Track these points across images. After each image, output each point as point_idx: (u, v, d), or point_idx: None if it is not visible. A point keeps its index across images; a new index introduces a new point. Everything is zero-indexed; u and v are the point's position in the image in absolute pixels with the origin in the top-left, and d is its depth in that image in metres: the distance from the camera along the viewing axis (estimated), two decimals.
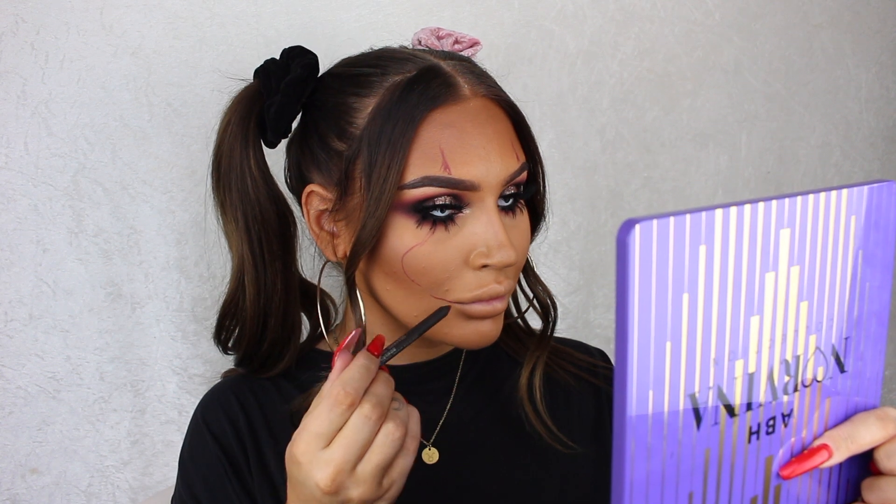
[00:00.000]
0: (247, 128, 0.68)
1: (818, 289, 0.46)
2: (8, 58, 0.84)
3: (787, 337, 0.45)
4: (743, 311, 0.43)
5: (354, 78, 0.66)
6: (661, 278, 0.39)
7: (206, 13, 0.91)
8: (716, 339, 0.42)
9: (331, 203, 0.66)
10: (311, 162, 0.68)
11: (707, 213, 0.40)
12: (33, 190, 0.87)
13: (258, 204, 0.68)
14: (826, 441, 0.47)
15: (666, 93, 1.18)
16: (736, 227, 0.41)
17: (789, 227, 0.44)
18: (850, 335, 0.49)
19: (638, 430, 0.39)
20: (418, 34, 0.72)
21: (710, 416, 0.43)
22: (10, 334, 0.88)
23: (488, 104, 0.65)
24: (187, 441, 0.73)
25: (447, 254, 0.63)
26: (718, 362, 0.42)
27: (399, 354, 0.72)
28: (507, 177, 0.63)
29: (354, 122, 0.64)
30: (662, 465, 0.41)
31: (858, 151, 1.36)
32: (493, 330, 0.66)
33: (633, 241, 0.37)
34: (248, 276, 0.69)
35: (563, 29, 1.10)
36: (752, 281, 0.43)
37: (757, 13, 1.23)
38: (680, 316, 0.40)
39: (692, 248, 0.40)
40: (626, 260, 0.37)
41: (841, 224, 0.46)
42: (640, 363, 0.39)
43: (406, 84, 0.63)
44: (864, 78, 1.34)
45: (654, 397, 0.40)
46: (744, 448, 0.45)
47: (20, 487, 0.91)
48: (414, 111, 0.62)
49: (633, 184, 1.19)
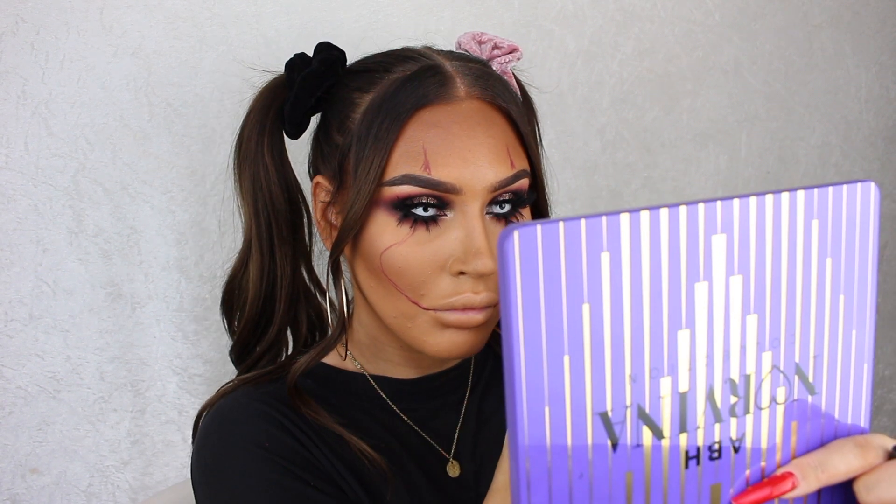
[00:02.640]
0: (265, 117, 0.70)
1: (770, 301, 0.41)
2: (8, 58, 0.84)
3: (730, 353, 0.41)
4: (666, 324, 0.39)
5: (361, 74, 0.67)
6: (551, 288, 0.36)
7: (206, 13, 0.91)
8: (630, 353, 0.38)
9: (331, 194, 0.67)
10: (319, 154, 0.70)
11: (609, 217, 0.36)
12: (33, 190, 0.87)
13: (269, 191, 0.69)
14: (792, 469, 0.42)
15: (666, 93, 1.18)
16: (650, 233, 0.37)
17: (724, 233, 0.39)
18: (821, 353, 0.43)
19: (533, 450, 0.37)
20: (459, 38, 0.71)
21: (631, 437, 0.39)
22: (10, 334, 0.88)
23: (484, 107, 0.64)
24: (235, 467, 0.64)
25: (424, 256, 0.62)
26: (636, 379, 0.38)
27: (411, 366, 0.72)
28: (496, 183, 0.62)
29: (352, 117, 0.65)
30: (569, 486, 0.38)
31: (858, 151, 1.36)
32: (470, 342, 0.64)
33: (511, 248, 0.35)
34: (254, 259, 0.70)
35: (563, 29, 1.10)
36: (677, 291, 0.39)
37: (757, 13, 1.23)
38: (580, 328, 0.37)
39: (591, 256, 0.36)
40: (506, 268, 0.35)
41: (798, 229, 0.41)
42: (530, 378, 0.36)
43: (400, 81, 0.63)
44: (864, 78, 1.34)
45: (552, 414, 0.37)
46: (679, 473, 0.41)
47: (20, 487, 0.91)
48: (401, 108, 0.62)
49: (633, 184, 1.19)
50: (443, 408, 0.73)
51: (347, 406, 0.71)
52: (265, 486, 0.62)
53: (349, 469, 0.67)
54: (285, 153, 0.72)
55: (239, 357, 0.75)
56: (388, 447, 0.69)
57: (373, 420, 0.71)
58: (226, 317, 0.76)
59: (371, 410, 0.71)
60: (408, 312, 0.64)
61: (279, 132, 0.71)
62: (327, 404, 0.70)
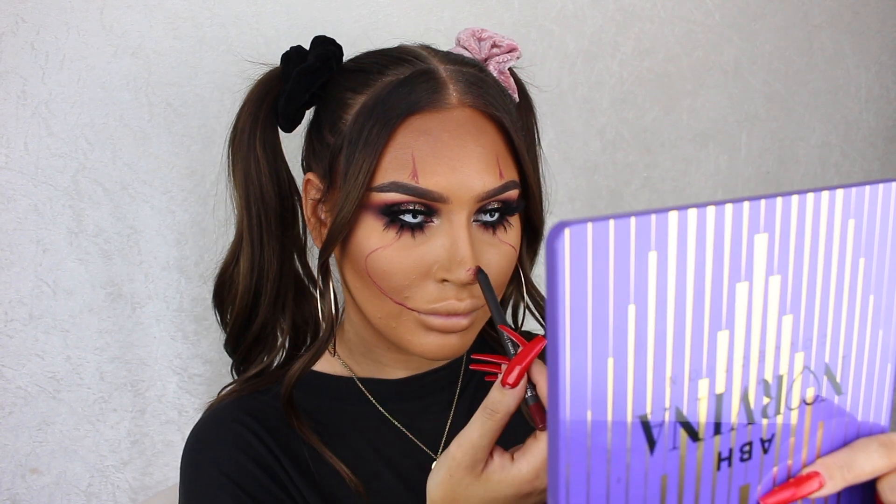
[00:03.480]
0: (259, 109, 0.70)
1: (806, 301, 0.41)
2: (8, 58, 0.84)
3: (765, 354, 0.41)
4: (707, 325, 0.38)
5: (356, 74, 0.67)
6: (599, 288, 0.35)
7: (206, 13, 0.91)
8: (672, 355, 0.38)
9: (321, 193, 0.67)
10: (311, 151, 0.70)
11: (658, 215, 0.35)
12: (33, 190, 0.87)
13: (259, 184, 0.69)
14: (818, 468, 0.43)
15: (666, 93, 1.18)
16: (696, 231, 0.37)
17: (766, 232, 0.39)
18: (849, 353, 0.43)
19: (574, 453, 0.36)
20: (459, 34, 0.71)
21: (667, 440, 0.39)
22: (10, 334, 0.88)
23: (476, 116, 0.63)
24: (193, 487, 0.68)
25: (408, 261, 0.62)
26: (676, 381, 0.38)
27: (399, 366, 0.73)
28: (484, 193, 0.62)
29: (344, 118, 0.65)
30: (607, 490, 0.37)
31: (858, 151, 1.36)
32: (455, 344, 0.65)
33: (562, 246, 0.34)
34: (245, 252, 0.71)
35: (563, 29, 1.10)
36: (719, 292, 0.38)
37: (757, 13, 1.23)
38: (625, 330, 0.36)
39: (639, 255, 0.35)
40: (556, 267, 0.34)
41: (835, 228, 0.41)
42: (575, 380, 0.35)
43: (393, 86, 0.63)
44: (864, 78, 1.34)
45: (594, 418, 0.36)
46: (711, 476, 0.40)
47: (20, 487, 0.91)
48: (392, 113, 0.61)
49: (633, 184, 1.19)
50: (431, 406, 0.73)
51: (331, 416, 0.71)
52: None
53: (318, 493, 0.68)
54: (279, 146, 0.71)
55: (234, 350, 0.76)
56: (367, 459, 0.70)
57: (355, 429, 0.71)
58: (218, 310, 0.76)
59: (355, 417, 0.72)
60: (392, 313, 0.64)
61: (273, 125, 0.71)
62: (310, 418, 0.70)
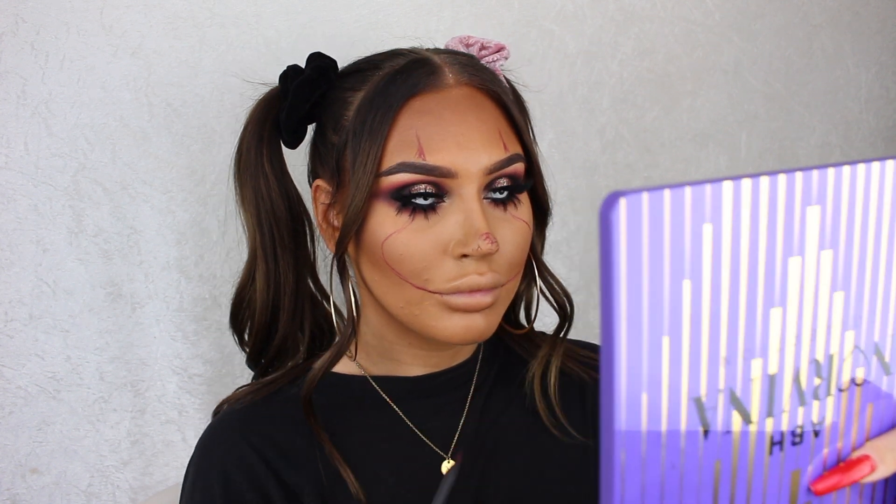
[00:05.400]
0: (262, 128, 0.71)
1: (857, 277, 0.39)
2: (8, 58, 0.84)
3: (817, 333, 0.39)
4: (761, 301, 0.36)
5: (353, 74, 0.69)
6: (654, 262, 0.33)
7: (206, 13, 0.91)
8: (727, 333, 0.36)
9: (331, 196, 0.68)
10: (317, 157, 0.71)
11: (713, 185, 0.33)
12: (33, 190, 0.87)
13: (270, 200, 0.70)
14: (869, 452, 0.41)
15: (666, 93, 1.18)
16: (751, 203, 0.35)
17: (818, 205, 0.37)
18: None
19: (629, 439, 0.34)
20: (447, 42, 0.73)
21: (721, 424, 0.37)
22: (10, 334, 0.88)
23: (474, 93, 0.65)
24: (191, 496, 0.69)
25: (425, 242, 0.62)
26: (730, 361, 0.36)
27: (418, 363, 0.72)
28: (491, 166, 0.63)
29: (346, 115, 0.66)
30: (661, 478, 0.35)
31: (858, 151, 1.37)
32: (483, 325, 0.64)
33: (618, 217, 0.31)
34: (259, 269, 0.72)
35: (563, 29, 1.10)
36: (773, 266, 0.36)
37: (757, 13, 1.23)
38: (679, 307, 0.34)
39: (694, 227, 0.33)
40: (611, 240, 0.31)
41: (885, 200, 0.39)
42: (631, 361, 0.33)
43: (390, 75, 0.64)
44: (864, 78, 1.34)
45: (650, 401, 0.34)
46: (763, 460, 0.39)
47: (20, 487, 0.91)
48: (392, 99, 0.63)
49: (633, 184, 1.19)
50: (445, 406, 0.73)
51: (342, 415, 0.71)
52: None
53: (321, 499, 0.67)
54: (284, 163, 0.73)
55: (256, 365, 0.77)
56: (373, 462, 0.70)
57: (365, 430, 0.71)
58: (235, 331, 0.77)
59: (367, 416, 0.72)
60: (414, 299, 0.64)
61: (277, 143, 0.72)
62: (323, 417, 0.70)
